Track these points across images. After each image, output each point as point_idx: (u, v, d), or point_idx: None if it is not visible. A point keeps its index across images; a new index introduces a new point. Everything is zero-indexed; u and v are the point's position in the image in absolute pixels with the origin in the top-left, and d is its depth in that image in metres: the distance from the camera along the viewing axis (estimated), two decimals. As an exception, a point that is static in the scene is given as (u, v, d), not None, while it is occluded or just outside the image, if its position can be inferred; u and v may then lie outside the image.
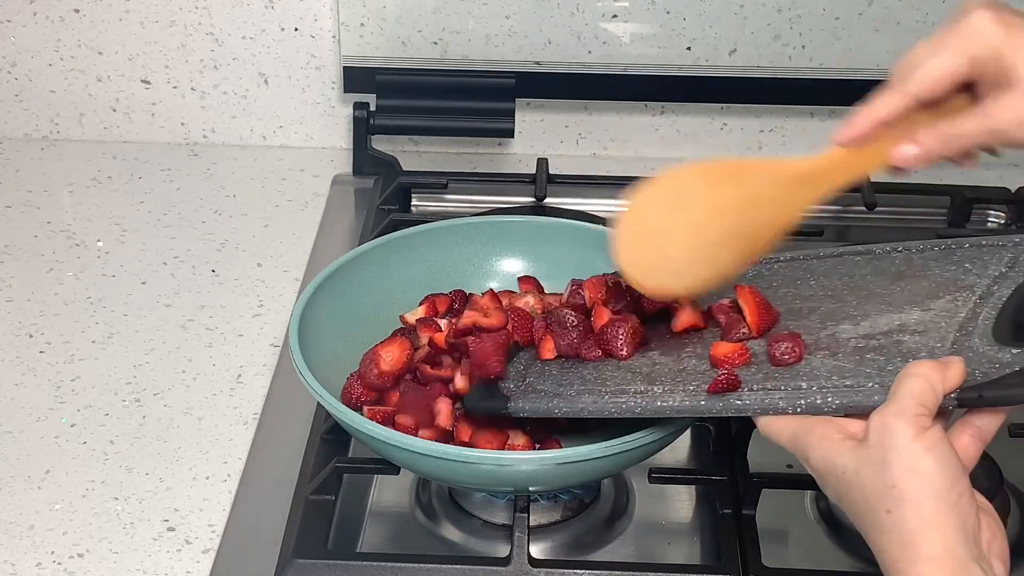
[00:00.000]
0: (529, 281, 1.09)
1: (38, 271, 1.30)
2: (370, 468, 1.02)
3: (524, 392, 0.92)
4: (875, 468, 0.75)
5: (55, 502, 1.03)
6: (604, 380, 0.91)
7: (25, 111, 1.51)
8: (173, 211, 1.40)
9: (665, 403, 0.87)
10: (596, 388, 0.90)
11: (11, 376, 1.16)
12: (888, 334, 0.87)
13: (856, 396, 0.81)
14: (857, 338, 0.88)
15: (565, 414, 0.90)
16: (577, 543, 1.01)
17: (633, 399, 0.88)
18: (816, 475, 0.80)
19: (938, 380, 0.77)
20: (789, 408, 0.82)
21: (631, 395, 0.88)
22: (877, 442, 0.76)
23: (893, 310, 0.90)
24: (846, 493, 0.78)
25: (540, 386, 0.93)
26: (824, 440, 0.79)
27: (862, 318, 0.90)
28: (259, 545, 0.99)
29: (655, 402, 0.87)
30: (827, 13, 1.41)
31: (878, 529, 0.75)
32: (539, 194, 1.37)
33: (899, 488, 0.74)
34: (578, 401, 0.90)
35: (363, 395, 0.99)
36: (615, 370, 0.92)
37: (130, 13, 1.46)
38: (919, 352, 0.84)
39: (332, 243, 1.35)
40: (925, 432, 0.75)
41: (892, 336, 0.87)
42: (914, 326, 0.87)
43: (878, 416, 0.76)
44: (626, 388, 0.89)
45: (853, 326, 0.89)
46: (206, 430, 1.11)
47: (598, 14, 1.42)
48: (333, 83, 1.49)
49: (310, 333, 1.01)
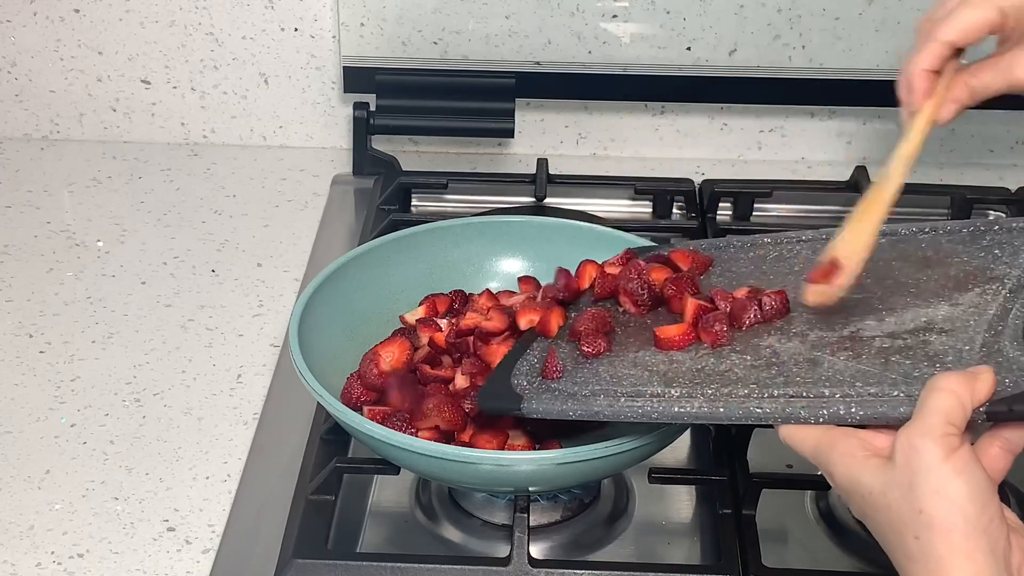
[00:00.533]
0: (529, 281, 1.09)
1: (38, 271, 1.30)
2: (370, 468, 1.02)
3: (538, 391, 0.90)
4: (902, 491, 0.73)
5: (55, 502, 1.03)
6: (619, 379, 0.89)
7: (25, 111, 1.51)
8: (173, 211, 1.40)
9: (683, 409, 0.84)
10: (611, 388, 0.88)
11: (11, 376, 1.16)
12: (914, 333, 0.85)
13: (881, 407, 0.78)
14: (882, 337, 0.85)
15: (580, 417, 0.87)
16: (577, 543, 1.01)
17: (649, 403, 0.85)
18: (840, 492, 0.78)
19: (967, 395, 0.74)
20: (811, 418, 0.80)
21: (647, 398, 0.86)
22: (904, 463, 0.73)
23: (920, 304, 0.88)
24: (872, 514, 0.76)
25: (554, 384, 0.91)
26: (847, 457, 0.77)
27: (887, 312, 0.88)
28: (259, 545, 0.99)
29: (672, 407, 0.84)
30: (827, 13, 1.41)
31: (905, 554, 0.73)
32: (539, 194, 1.37)
33: (927, 514, 0.72)
34: (593, 403, 0.87)
35: (363, 395, 0.99)
36: (631, 367, 0.90)
37: (130, 13, 1.46)
38: (946, 356, 0.82)
39: (332, 243, 1.35)
40: (954, 453, 0.72)
41: (918, 336, 0.84)
42: (941, 323, 0.85)
43: (904, 435, 0.74)
44: (642, 390, 0.87)
45: (877, 322, 0.87)
46: (206, 430, 1.11)
47: (598, 14, 1.42)
48: (333, 83, 1.49)
49: (310, 333, 1.01)
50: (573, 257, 1.12)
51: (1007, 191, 1.39)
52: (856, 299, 0.90)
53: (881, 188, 0.91)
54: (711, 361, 0.88)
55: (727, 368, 0.86)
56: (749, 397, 0.83)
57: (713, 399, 0.83)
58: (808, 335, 0.88)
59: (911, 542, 0.72)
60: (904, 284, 0.91)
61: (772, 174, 1.44)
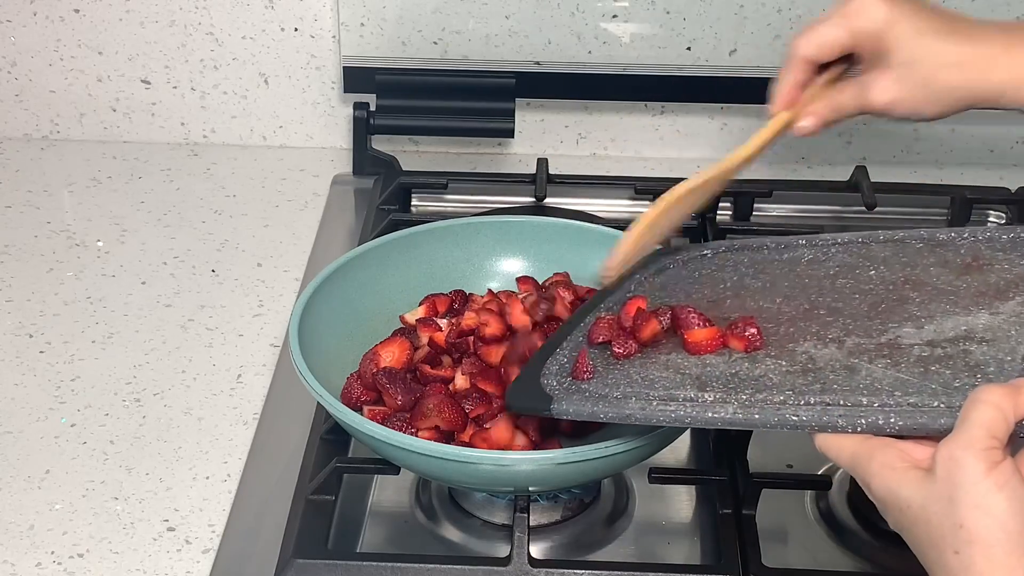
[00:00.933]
0: (528, 281, 1.09)
1: (38, 271, 1.30)
2: (370, 468, 1.02)
3: (568, 392, 0.88)
4: (942, 505, 0.71)
5: (55, 502, 1.03)
6: (652, 382, 0.87)
7: (25, 111, 1.51)
8: (173, 211, 1.40)
9: (716, 414, 0.82)
10: (643, 391, 0.86)
11: (11, 376, 1.16)
12: (954, 341, 0.83)
13: (921, 418, 0.76)
14: (921, 345, 0.84)
15: (611, 419, 0.86)
16: (577, 543, 1.01)
17: (683, 407, 0.83)
18: (878, 503, 0.77)
19: (1010, 408, 0.72)
20: (849, 427, 0.78)
21: (680, 402, 0.84)
22: (945, 477, 0.71)
23: (959, 312, 0.87)
24: (910, 527, 0.74)
25: (584, 385, 0.89)
26: (886, 469, 0.75)
27: (926, 320, 0.86)
28: (259, 545, 0.99)
29: (706, 412, 0.82)
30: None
31: (944, 569, 0.72)
32: (539, 194, 1.37)
33: (968, 528, 0.70)
34: (624, 406, 0.85)
35: (363, 395, 0.99)
36: (663, 370, 0.88)
37: (130, 13, 1.46)
38: (988, 366, 0.80)
39: (332, 243, 1.35)
40: (996, 467, 0.70)
41: (958, 344, 0.83)
42: (982, 333, 0.84)
43: (946, 448, 0.72)
44: (675, 394, 0.85)
45: (916, 329, 0.86)
46: (206, 430, 1.11)
47: (598, 14, 1.42)
48: (333, 83, 1.49)
49: (310, 333, 1.01)
50: (573, 257, 1.12)
51: (1007, 191, 1.39)
52: (893, 304, 0.89)
53: (688, 182, 0.97)
54: (745, 365, 0.86)
55: (762, 373, 0.85)
56: (785, 404, 0.81)
57: (747, 405, 0.82)
58: (845, 341, 0.87)
59: (950, 557, 0.71)
60: (943, 291, 0.89)
61: (772, 174, 1.44)
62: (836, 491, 1.04)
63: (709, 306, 0.95)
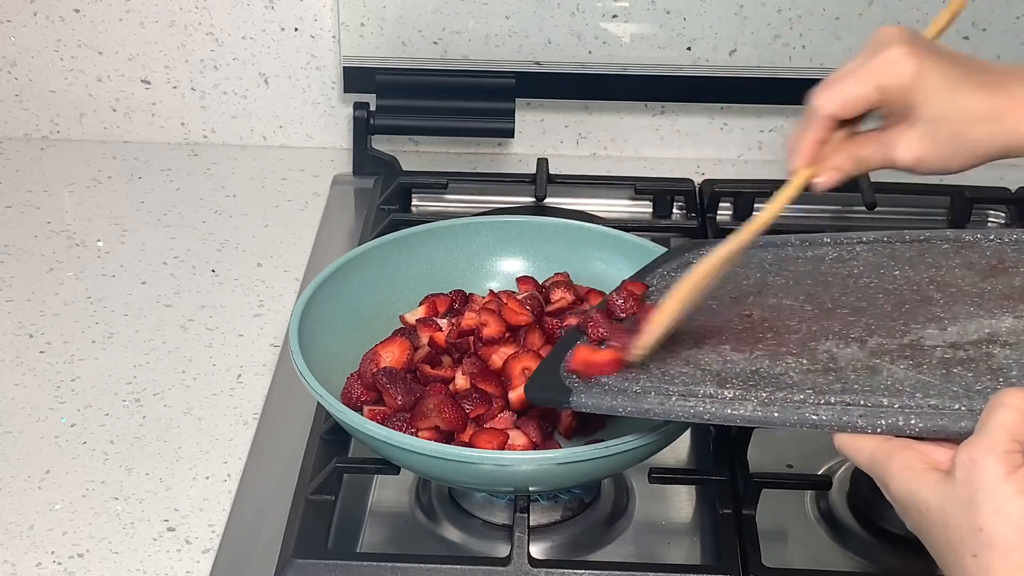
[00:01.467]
0: (528, 281, 1.09)
1: (38, 271, 1.30)
2: (370, 468, 1.02)
3: (587, 384, 0.88)
4: (961, 507, 0.71)
5: (55, 502, 1.03)
6: (671, 377, 0.86)
7: (25, 111, 1.51)
8: (173, 211, 1.40)
9: (735, 411, 0.81)
10: (663, 387, 0.85)
11: (11, 376, 1.16)
12: (977, 344, 0.83)
13: (941, 420, 0.76)
14: (943, 347, 0.83)
15: (630, 414, 0.85)
16: (577, 543, 1.01)
17: (702, 403, 0.83)
18: (896, 505, 0.76)
19: None
20: (868, 427, 0.77)
21: (700, 399, 0.83)
22: (964, 479, 0.71)
23: (983, 314, 0.86)
24: (928, 529, 0.73)
25: (604, 379, 0.88)
26: (906, 470, 0.74)
27: (950, 322, 0.86)
28: (259, 545, 0.99)
29: (725, 409, 0.82)
30: (827, 13, 1.41)
31: (962, 572, 0.71)
32: (539, 194, 1.37)
33: (987, 532, 0.70)
34: (644, 401, 0.85)
35: (363, 395, 0.99)
36: (683, 365, 0.87)
37: (130, 13, 1.46)
38: (1010, 369, 0.80)
39: (332, 243, 1.35)
40: (1017, 471, 0.70)
41: (981, 347, 0.83)
42: (1005, 336, 0.83)
43: (966, 451, 0.71)
44: (695, 390, 0.84)
45: (939, 331, 0.85)
46: (206, 430, 1.11)
47: (598, 14, 1.42)
48: (333, 83, 1.49)
49: (310, 333, 1.01)
50: (573, 257, 1.12)
51: (1007, 191, 1.39)
52: (917, 305, 0.89)
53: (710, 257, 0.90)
54: (766, 363, 0.86)
55: (782, 371, 0.84)
56: (805, 403, 0.81)
57: (767, 403, 0.81)
58: (867, 341, 0.86)
59: (968, 560, 0.71)
60: (967, 293, 0.89)
61: (772, 174, 1.44)
62: (836, 491, 1.04)
63: (731, 303, 0.95)
